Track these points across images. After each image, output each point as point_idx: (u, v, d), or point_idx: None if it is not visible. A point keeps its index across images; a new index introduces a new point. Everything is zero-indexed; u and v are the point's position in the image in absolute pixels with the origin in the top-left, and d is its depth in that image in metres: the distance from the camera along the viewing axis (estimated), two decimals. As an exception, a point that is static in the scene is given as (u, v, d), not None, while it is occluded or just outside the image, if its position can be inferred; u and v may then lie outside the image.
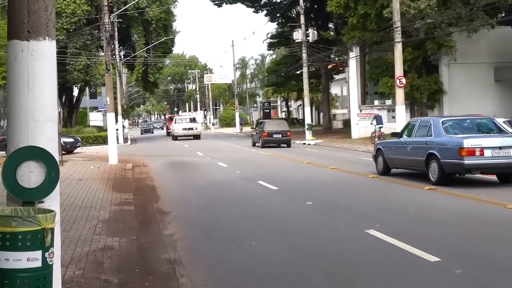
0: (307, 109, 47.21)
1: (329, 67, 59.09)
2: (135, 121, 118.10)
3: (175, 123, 53.92)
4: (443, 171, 15.41)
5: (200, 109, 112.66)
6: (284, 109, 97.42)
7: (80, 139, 39.45)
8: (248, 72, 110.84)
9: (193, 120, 56.19)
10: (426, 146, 16.25)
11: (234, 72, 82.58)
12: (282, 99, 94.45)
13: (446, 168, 15.36)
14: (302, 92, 51.83)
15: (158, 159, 30.99)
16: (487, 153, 14.80)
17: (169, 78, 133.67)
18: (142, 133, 78.14)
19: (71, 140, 37.67)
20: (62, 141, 35.57)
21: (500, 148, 14.92)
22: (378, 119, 37.52)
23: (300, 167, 23.00)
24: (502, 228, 9.99)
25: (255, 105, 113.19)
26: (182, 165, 26.34)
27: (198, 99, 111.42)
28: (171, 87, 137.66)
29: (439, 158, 15.50)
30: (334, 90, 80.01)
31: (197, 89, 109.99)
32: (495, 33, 39.45)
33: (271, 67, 71.38)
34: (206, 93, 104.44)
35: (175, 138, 52.68)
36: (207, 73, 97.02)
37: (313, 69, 58.53)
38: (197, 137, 51.82)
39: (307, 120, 45.83)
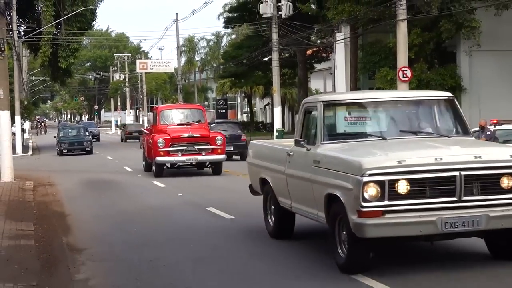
0: (277, 109, 47.36)
1: (308, 52, 59.42)
2: (40, 123, 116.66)
3: None
4: None
5: (131, 108, 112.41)
6: (246, 109, 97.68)
7: None
8: (197, 57, 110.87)
9: None
10: None
11: (178, 57, 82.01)
12: (243, 95, 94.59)
13: None
14: (271, 87, 52.01)
15: (71, 175, 30.80)
16: None
17: (87, 64, 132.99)
18: (61, 151, 49.95)
19: None
20: None
21: None
22: None
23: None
24: None
25: (206, 103, 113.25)
26: (103, 185, 26.25)
27: (128, 94, 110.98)
28: (90, 77, 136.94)
29: None
30: (315, 84, 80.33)
31: (127, 80, 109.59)
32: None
33: (229, 51, 71.53)
34: (139, 86, 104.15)
35: None
36: (141, 59, 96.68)
37: (286, 55, 58.76)
38: None
39: (277, 125, 45.92)
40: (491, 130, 22.58)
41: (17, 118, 51.52)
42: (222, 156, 28.72)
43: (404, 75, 30.19)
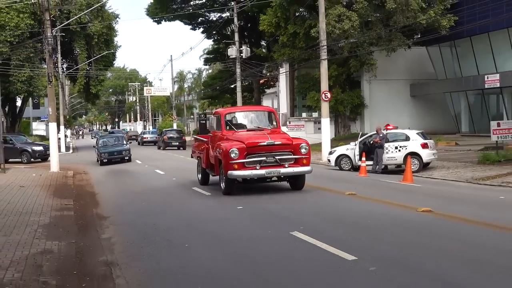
0: (241, 120, 47.26)
1: (261, 81, 59.51)
2: (77, 131, 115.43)
3: None
4: None
5: (140, 120, 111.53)
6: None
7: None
8: (185, 85, 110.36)
9: None
10: None
11: (172, 85, 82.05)
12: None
13: None
14: (236, 105, 52.03)
15: (99, 167, 30.57)
16: None
17: (110, 90, 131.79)
18: (102, 160, 32.55)
19: (39, 148, 35.28)
20: (30, 149, 34.64)
21: None
22: None
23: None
24: (414, 231, 10.29)
25: (192, 116, 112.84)
26: (121, 173, 26.07)
27: (138, 110, 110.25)
28: (112, 99, 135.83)
29: None
30: (266, 103, 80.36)
31: (137, 101, 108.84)
32: (411, 53, 40.75)
33: (207, 81, 71.29)
34: (146, 104, 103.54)
35: None
36: (147, 86, 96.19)
37: (246, 83, 58.81)
38: None
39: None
40: (383, 133, 22.74)
41: (62, 127, 51.04)
42: (308, 168, 15.89)
43: (326, 97, 30.29)
